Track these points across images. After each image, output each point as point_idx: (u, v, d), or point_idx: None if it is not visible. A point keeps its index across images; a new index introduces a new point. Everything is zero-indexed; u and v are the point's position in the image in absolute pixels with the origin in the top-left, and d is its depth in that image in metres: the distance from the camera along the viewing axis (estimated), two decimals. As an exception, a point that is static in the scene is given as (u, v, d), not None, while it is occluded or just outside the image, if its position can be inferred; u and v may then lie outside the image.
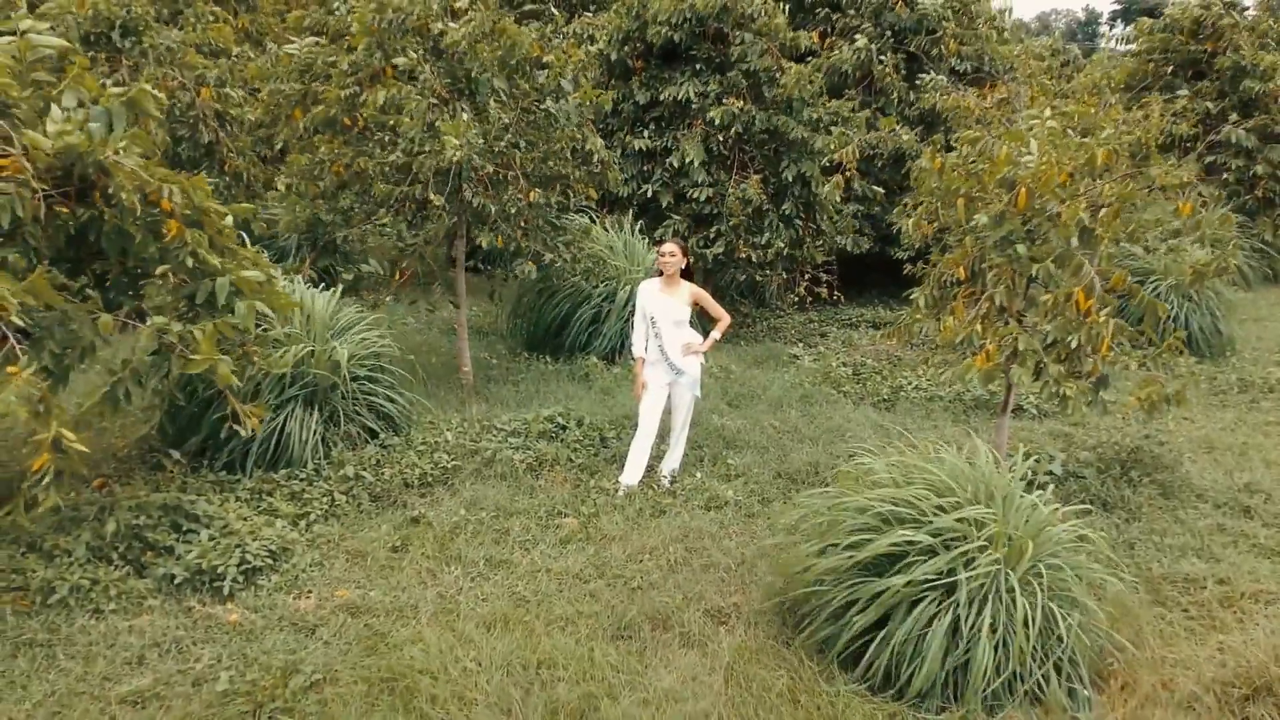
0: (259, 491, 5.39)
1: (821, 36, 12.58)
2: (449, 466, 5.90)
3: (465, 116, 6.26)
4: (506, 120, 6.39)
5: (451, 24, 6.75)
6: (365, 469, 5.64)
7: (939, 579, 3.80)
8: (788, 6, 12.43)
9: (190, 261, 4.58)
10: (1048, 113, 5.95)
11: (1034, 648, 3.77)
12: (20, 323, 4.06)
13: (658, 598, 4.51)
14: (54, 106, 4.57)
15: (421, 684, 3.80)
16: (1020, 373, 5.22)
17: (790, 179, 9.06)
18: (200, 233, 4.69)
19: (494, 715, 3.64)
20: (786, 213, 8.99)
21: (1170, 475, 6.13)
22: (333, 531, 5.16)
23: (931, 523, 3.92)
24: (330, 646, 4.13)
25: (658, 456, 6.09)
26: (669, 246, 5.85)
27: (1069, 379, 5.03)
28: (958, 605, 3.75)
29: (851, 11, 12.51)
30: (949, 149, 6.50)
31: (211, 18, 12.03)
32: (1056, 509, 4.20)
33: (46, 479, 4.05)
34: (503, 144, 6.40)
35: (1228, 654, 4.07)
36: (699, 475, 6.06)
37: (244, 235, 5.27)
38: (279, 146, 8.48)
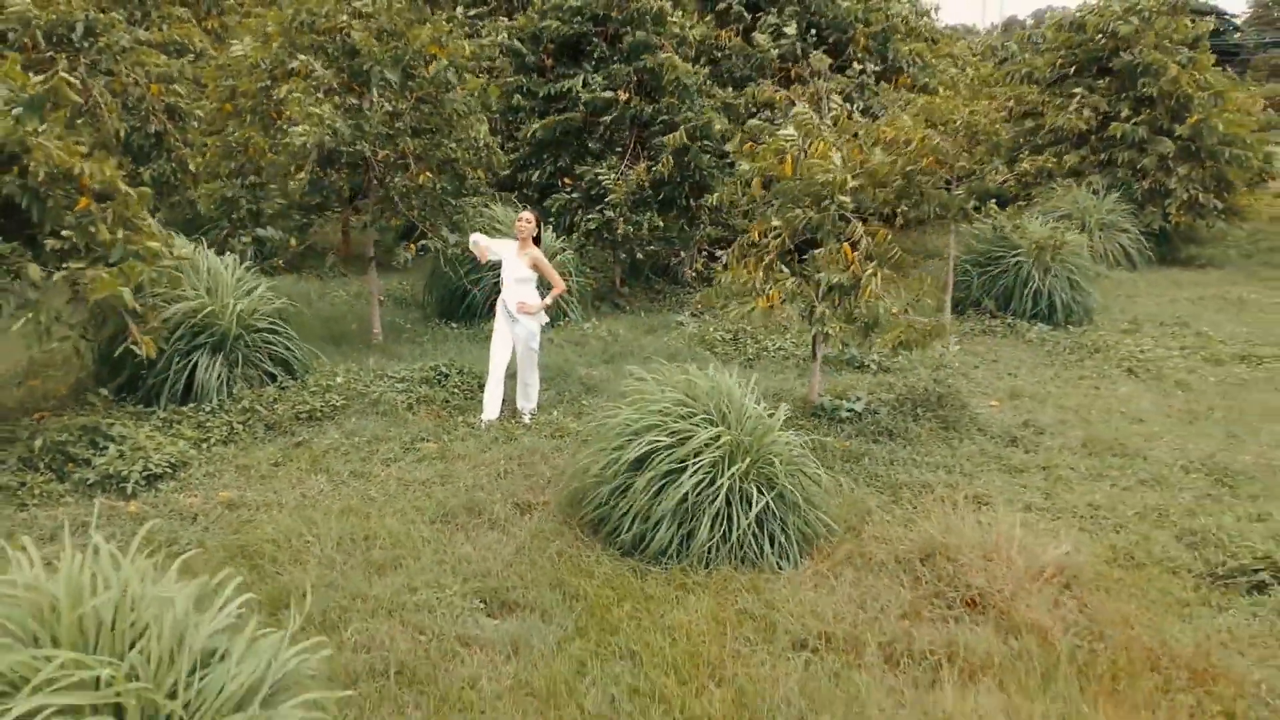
0: (169, 421, 6.41)
1: (738, 34, 13.62)
2: (338, 405, 6.92)
3: (329, 109, 7.23)
4: (391, 108, 7.39)
5: (355, 21, 7.75)
6: (261, 404, 6.67)
7: (675, 470, 4.82)
8: (704, 6, 13.51)
9: (92, 229, 5.60)
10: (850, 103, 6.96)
11: (750, 523, 4.79)
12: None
13: (480, 495, 5.53)
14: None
15: (267, 550, 4.82)
16: (792, 311, 6.22)
17: (680, 161, 10.06)
18: (116, 203, 5.73)
19: (320, 569, 4.66)
20: (666, 195, 9.99)
21: (959, 413, 7.14)
22: (228, 452, 6.19)
23: (671, 427, 4.95)
24: (206, 530, 5.14)
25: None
26: (526, 214, 6.87)
27: (840, 321, 6.02)
28: (686, 489, 4.77)
29: (771, 10, 13.55)
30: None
31: (179, 18, 13.06)
32: (784, 422, 5.22)
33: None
34: (391, 130, 7.40)
35: (920, 534, 5.08)
36: (555, 414, 7.08)
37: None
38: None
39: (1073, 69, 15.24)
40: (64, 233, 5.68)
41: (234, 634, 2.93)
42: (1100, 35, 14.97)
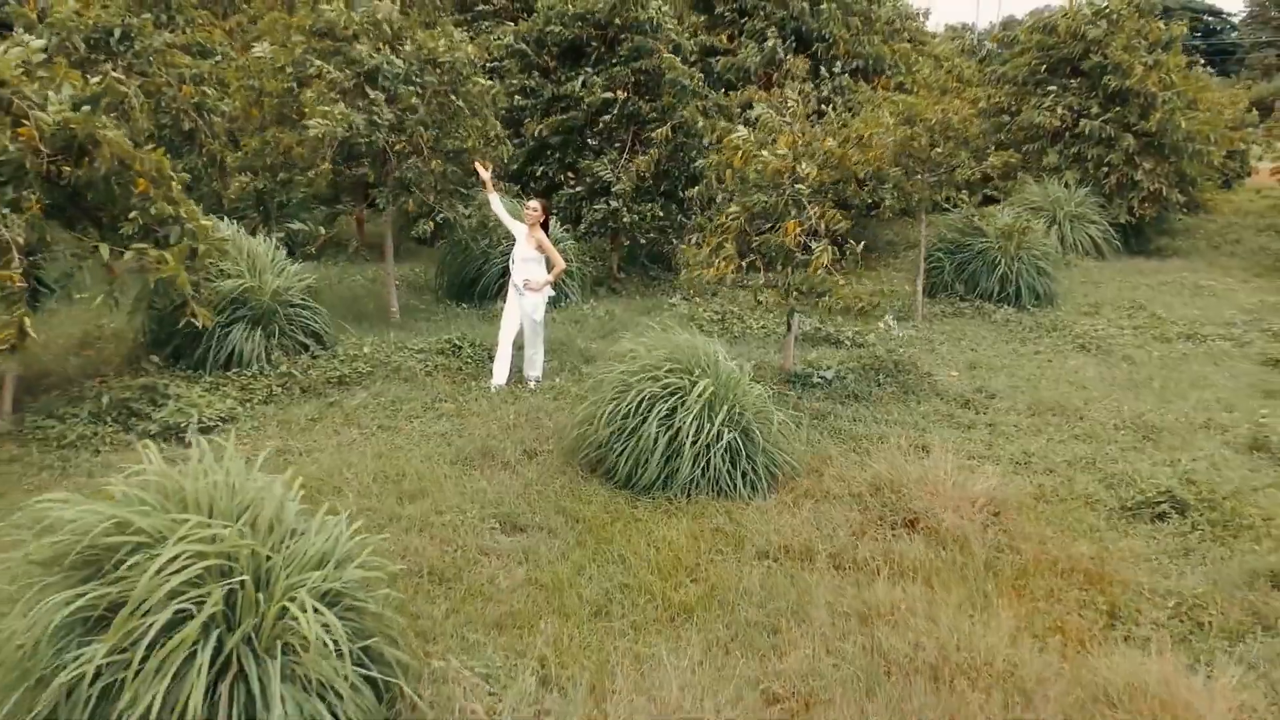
0: (216, 384, 7.24)
1: (730, 39, 14.45)
2: (365, 371, 7.75)
3: (341, 108, 8.04)
4: (402, 106, 8.22)
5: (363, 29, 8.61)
6: (297, 370, 7.50)
7: (664, 411, 5.65)
8: (700, 11, 14.35)
9: (153, 209, 6.42)
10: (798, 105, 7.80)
11: (728, 457, 5.61)
12: (21, 240, 5.88)
13: (493, 443, 6.36)
14: (50, 94, 6.41)
15: (312, 484, 5.63)
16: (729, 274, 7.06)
17: (673, 155, 10.88)
18: (159, 190, 6.55)
19: (358, 497, 5.49)
20: (665, 188, 10.81)
21: (920, 381, 7.97)
22: (269, 410, 7.01)
23: (662, 380, 5.78)
24: (258, 469, 5.95)
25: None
26: (533, 203, 7.74)
27: (779, 295, 6.85)
28: (675, 427, 5.60)
29: (759, 15, 14.38)
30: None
31: (200, 21, 13.90)
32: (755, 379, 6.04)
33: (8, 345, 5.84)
34: (404, 123, 8.24)
35: (872, 473, 5.90)
36: (558, 380, 7.91)
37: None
38: (240, 131, 10.40)
39: (1045, 69, 16.05)
40: (131, 215, 6.49)
41: (309, 517, 3.76)
42: (1071, 37, 15.78)
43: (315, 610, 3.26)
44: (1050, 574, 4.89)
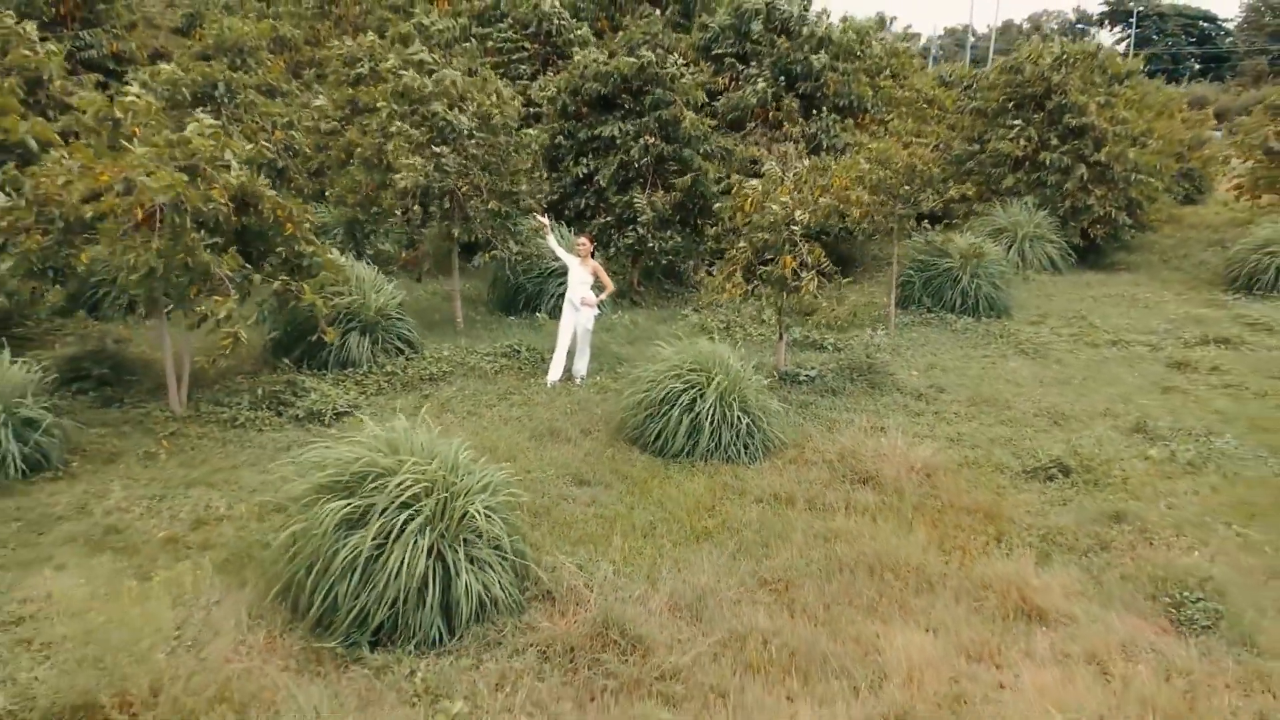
0: (337, 380, 9.34)
1: (731, 80, 16.57)
2: (447, 371, 9.85)
3: (420, 160, 10.19)
4: (464, 157, 10.37)
5: (430, 87, 10.76)
6: (398, 370, 9.61)
7: (687, 400, 7.76)
8: (703, 54, 16.46)
9: (295, 247, 8.52)
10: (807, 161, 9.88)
11: (735, 433, 7.72)
12: (230, 274, 8.00)
13: (557, 424, 8.46)
14: (230, 157, 8.50)
15: (432, 452, 7.74)
16: (735, 291, 9.13)
17: (689, 193, 13.00)
18: (300, 231, 8.65)
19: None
20: (682, 218, 12.94)
21: (885, 378, 10.06)
22: (381, 400, 9.11)
23: (685, 376, 7.88)
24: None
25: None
26: (582, 239, 9.87)
27: (777, 311, 8.94)
28: (696, 411, 7.70)
29: (753, 63, 16.49)
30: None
31: (268, 64, 16.05)
32: (761, 376, 8.15)
33: (229, 350, 7.97)
34: (467, 171, 10.39)
35: (839, 445, 8.01)
36: (599, 377, 10.01)
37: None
38: (314, 168, 12.61)
39: (1012, 105, 18.12)
40: (280, 251, 8.59)
41: (475, 462, 5.86)
42: (1035, 78, 17.84)
43: (488, 517, 5.37)
44: (959, 513, 6.99)
